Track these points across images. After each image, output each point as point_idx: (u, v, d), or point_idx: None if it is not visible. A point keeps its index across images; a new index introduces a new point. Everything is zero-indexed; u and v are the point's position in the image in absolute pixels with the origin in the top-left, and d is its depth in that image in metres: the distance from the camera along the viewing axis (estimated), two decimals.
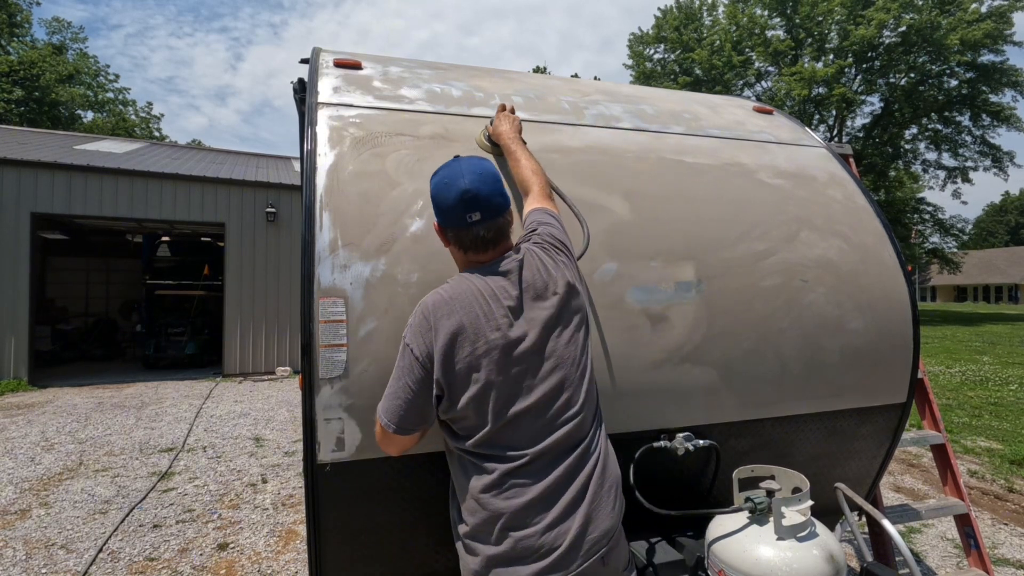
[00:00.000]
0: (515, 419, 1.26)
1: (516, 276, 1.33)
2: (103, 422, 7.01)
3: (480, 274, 1.34)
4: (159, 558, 3.47)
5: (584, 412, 1.31)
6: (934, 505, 2.70)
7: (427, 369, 1.26)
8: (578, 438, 1.30)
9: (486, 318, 1.28)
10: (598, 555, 1.24)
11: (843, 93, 23.87)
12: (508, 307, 1.30)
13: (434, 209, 1.40)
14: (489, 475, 1.25)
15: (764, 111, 2.72)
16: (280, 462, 5.42)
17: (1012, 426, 6.51)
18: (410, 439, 1.32)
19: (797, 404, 1.93)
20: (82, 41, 35.70)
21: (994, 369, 10.76)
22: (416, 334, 1.29)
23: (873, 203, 2.29)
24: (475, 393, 1.25)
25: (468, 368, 1.26)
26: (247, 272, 11.06)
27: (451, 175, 1.34)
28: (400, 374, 1.29)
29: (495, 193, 1.34)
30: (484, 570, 1.24)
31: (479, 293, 1.30)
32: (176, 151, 15.06)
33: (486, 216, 1.33)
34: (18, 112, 28.08)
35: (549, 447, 1.26)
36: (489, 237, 1.35)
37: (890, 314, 2.07)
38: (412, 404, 1.27)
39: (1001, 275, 53.27)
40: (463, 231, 1.34)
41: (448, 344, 1.26)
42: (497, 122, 1.76)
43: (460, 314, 1.27)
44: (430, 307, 1.30)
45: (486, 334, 1.27)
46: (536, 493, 1.23)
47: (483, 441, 1.26)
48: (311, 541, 1.54)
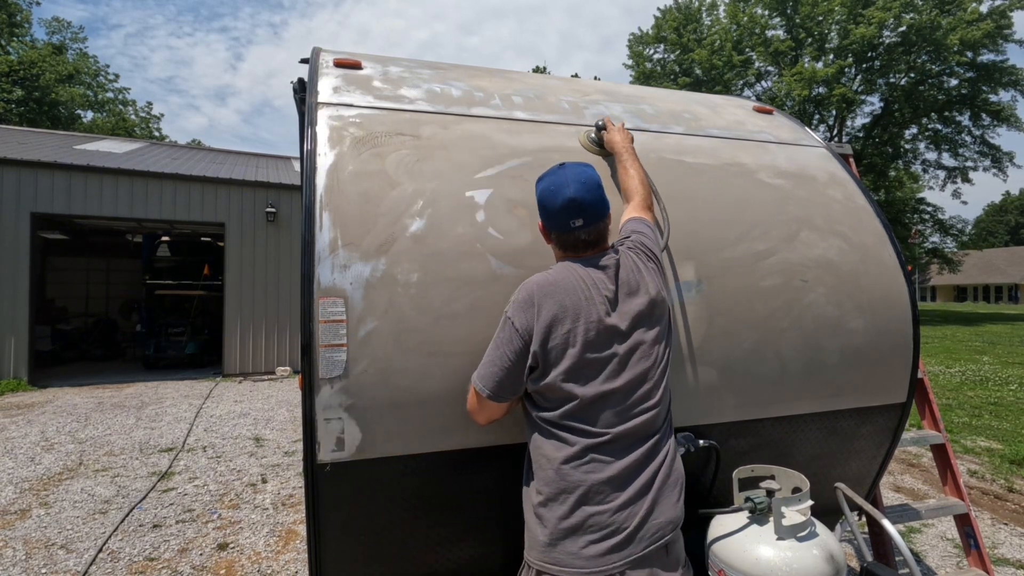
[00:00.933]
0: (601, 398, 1.34)
1: (613, 272, 1.44)
2: (103, 422, 7.01)
3: (582, 264, 1.44)
4: (159, 558, 3.47)
5: (660, 407, 1.40)
6: (934, 505, 2.70)
7: (525, 342, 1.36)
8: (652, 429, 1.38)
9: (587, 302, 1.38)
10: (662, 542, 1.30)
11: (843, 93, 23.87)
12: (606, 296, 1.40)
13: (540, 212, 1.51)
14: (571, 447, 1.33)
15: (764, 111, 2.72)
16: (280, 462, 5.42)
17: (1012, 426, 6.51)
18: (500, 408, 1.42)
19: (797, 404, 1.93)
20: (82, 41, 35.73)
21: (994, 369, 10.76)
22: (519, 309, 1.38)
23: (873, 203, 2.29)
24: (568, 367, 1.34)
25: (565, 343, 1.35)
26: (247, 272, 11.06)
27: (557, 182, 1.45)
28: (499, 344, 1.39)
29: (597, 200, 1.45)
30: (552, 539, 1.30)
31: (582, 279, 1.40)
32: (176, 151, 15.05)
33: (588, 222, 1.44)
34: (18, 112, 28.08)
35: (629, 431, 1.34)
36: (590, 240, 1.46)
37: (890, 314, 2.07)
38: (509, 373, 1.37)
39: (1001, 275, 53.27)
40: (566, 234, 1.46)
41: (549, 321, 1.35)
42: (612, 132, 1.88)
43: (563, 295, 1.37)
44: (534, 287, 1.40)
45: (586, 315, 1.36)
46: (615, 471, 1.31)
47: (570, 413, 1.34)
48: (311, 541, 1.54)
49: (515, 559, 1.75)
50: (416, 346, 1.51)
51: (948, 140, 26.78)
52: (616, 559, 1.26)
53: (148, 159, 11.98)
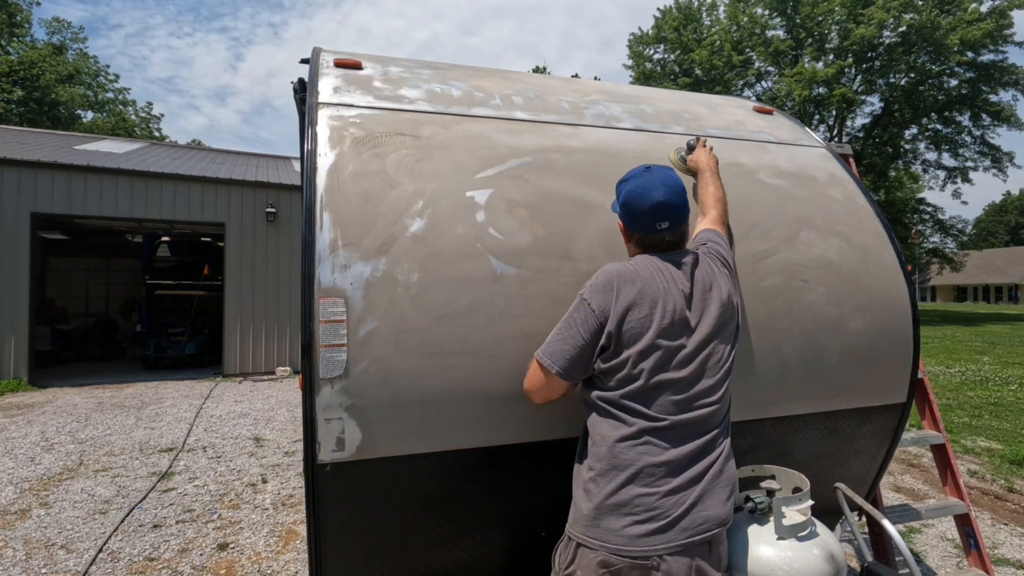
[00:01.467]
0: (665, 384, 1.37)
1: (689, 270, 1.47)
2: (103, 422, 7.01)
3: (661, 258, 1.48)
4: (159, 558, 3.47)
5: (720, 404, 1.41)
6: (934, 505, 2.70)
7: (600, 323, 1.38)
8: (711, 425, 1.40)
9: (665, 292, 1.41)
10: (705, 536, 1.30)
11: (843, 93, 23.87)
12: (682, 290, 1.43)
13: (624, 213, 1.54)
14: (629, 427, 1.35)
15: (764, 111, 2.72)
16: (280, 462, 5.42)
17: (1012, 426, 6.51)
18: (562, 387, 1.44)
19: (797, 404, 1.94)
20: (82, 41, 35.75)
21: (994, 369, 10.76)
22: (597, 291, 1.41)
23: (873, 203, 2.29)
24: (640, 349, 1.36)
25: (640, 326, 1.37)
26: (247, 272, 11.06)
27: (645, 186, 1.48)
28: (572, 323, 1.41)
29: (683, 204, 1.50)
30: (596, 514, 1.32)
31: (661, 271, 1.45)
32: (176, 151, 15.06)
33: (673, 224, 1.48)
34: (18, 112, 28.08)
35: (687, 421, 1.36)
36: (673, 241, 1.51)
37: (890, 314, 2.07)
38: (581, 352, 1.39)
39: (1001, 275, 53.27)
40: (650, 235, 1.50)
41: (628, 305, 1.38)
42: (699, 152, 1.89)
43: (643, 283, 1.41)
44: (615, 273, 1.44)
45: (663, 303, 1.39)
46: (668, 457, 1.33)
47: (632, 394, 1.36)
48: (311, 541, 1.54)
49: (516, 560, 1.76)
50: (416, 346, 1.51)
51: (948, 140, 26.77)
52: (657, 543, 1.27)
53: (148, 159, 11.98)
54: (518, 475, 1.67)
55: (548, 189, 1.80)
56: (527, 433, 1.62)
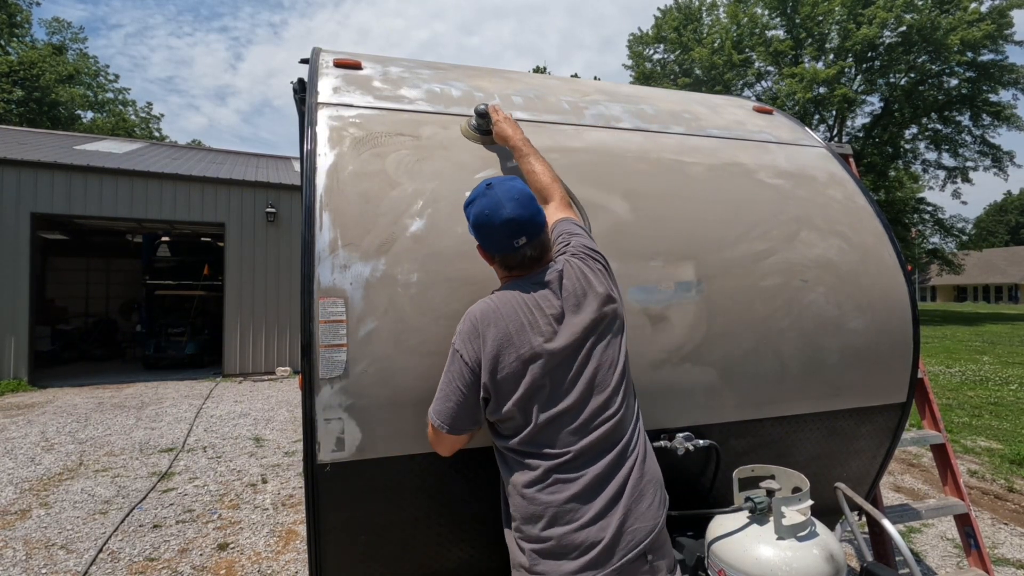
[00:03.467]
0: (556, 419, 1.33)
1: (557, 286, 1.41)
2: (103, 422, 7.01)
3: (524, 286, 1.42)
4: (159, 558, 3.47)
5: (622, 413, 1.37)
6: (934, 505, 2.70)
7: (476, 374, 1.35)
8: (616, 437, 1.35)
9: (530, 326, 1.36)
10: (638, 550, 1.28)
11: (844, 93, 23.87)
12: (551, 315, 1.37)
13: (477, 236, 1.45)
14: (533, 471, 1.32)
15: (764, 111, 2.72)
16: (280, 462, 5.42)
17: (1012, 426, 6.51)
18: (460, 439, 1.41)
19: (797, 404, 1.94)
20: (82, 41, 35.77)
21: (994, 369, 10.76)
22: (465, 341, 1.37)
23: (873, 203, 2.29)
24: (520, 396, 1.33)
25: (513, 373, 1.33)
26: (247, 272, 11.06)
27: (491, 205, 1.39)
28: (451, 378, 1.37)
29: (535, 214, 1.42)
30: (531, 563, 1.30)
31: (523, 303, 1.38)
32: (176, 151, 15.06)
33: (531, 237, 1.40)
34: (18, 112, 28.08)
35: (589, 445, 1.32)
36: (535, 255, 1.44)
37: (890, 314, 2.07)
38: (463, 406, 1.36)
39: (1001, 275, 53.25)
40: (511, 255, 1.42)
41: (495, 351, 1.33)
42: (501, 125, 1.79)
43: (506, 322, 1.35)
44: (478, 316, 1.38)
45: (530, 341, 1.34)
46: (579, 488, 1.29)
47: (527, 440, 1.33)
48: (311, 541, 1.54)
49: None
50: (416, 346, 1.51)
51: (948, 140, 26.77)
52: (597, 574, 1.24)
53: (148, 159, 11.98)
54: None
55: None
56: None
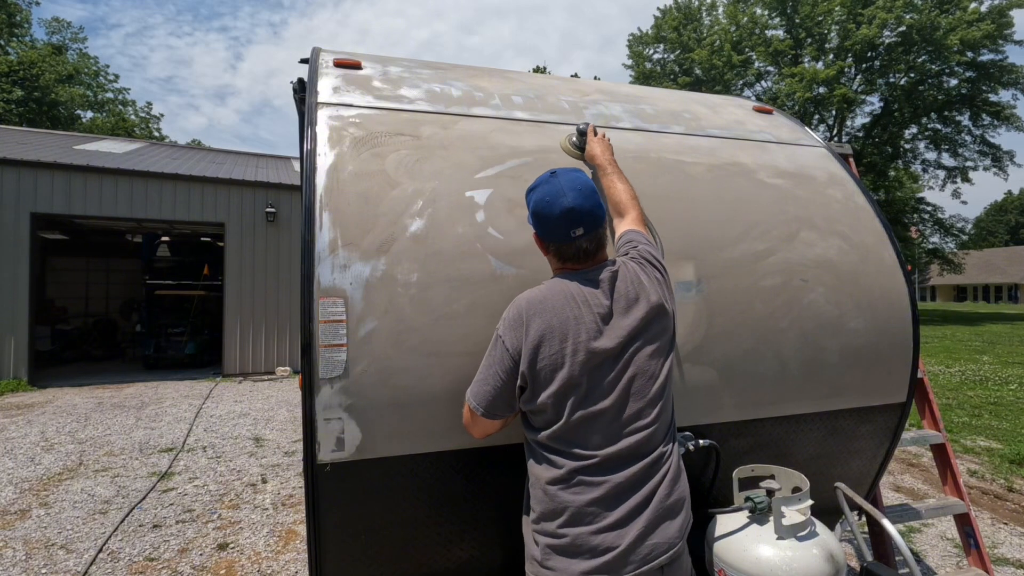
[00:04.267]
0: (589, 419, 1.31)
1: (608, 285, 1.39)
2: (103, 422, 7.01)
3: (575, 280, 1.40)
4: (159, 558, 3.47)
5: (656, 426, 1.34)
6: (934, 505, 2.70)
7: (515, 361, 1.34)
8: (647, 449, 1.33)
9: (576, 321, 1.33)
10: (655, 563, 1.25)
11: (844, 93, 23.87)
12: (598, 313, 1.35)
13: (535, 224, 1.45)
14: (559, 469, 1.31)
15: (764, 111, 2.72)
16: (280, 462, 5.42)
17: (1012, 426, 6.51)
18: (494, 424, 1.41)
19: (797, 404, 1.93)
20: (82, 41, 35.74)
21: (994, 369, 10.76)
22: (509, 328, 1.36)
23: (873, 203, 2.29)
24: (556, 390, 1.31)
25: (553, 365, 1.31)
26: (247, 272, 11.06)
27: (552, 192, 1.39)
28: (491, 363, 1.37)
29: (595, 207, 1.40)
30: (545, 558, 1.30)
31: (572, 297, 1.36)
32: (176, 151, 15.06)
33: (588, 230, 1.39)
34: (18, 112, 28.07)
35: (618, 451, 1.30)
36: (591, 249, 1.42)
37: (890, 313, 2.07)
38: (500, 392, 1.35)
39: (1001, 275, 53.26)
40: (566, 245, 1.41)
41: (537, 341, 1.32)
42: (592, 144, 1.81)
43: (552, 314, 1.34)
44: (524, 305, 1.37)
45: (574, 335, 1.32)
46: (601, 492, 1.28)
47: (557, 435, 1.32)
48: (311, 541, 1.54)
49: (515, 559, 1.75)
50: (416, 346, 1.51)
51: (948, 140, 26.78)
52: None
53: (148, 159, 11.98)
54: (517, 475, 1.67)
55: None
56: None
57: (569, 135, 1.91)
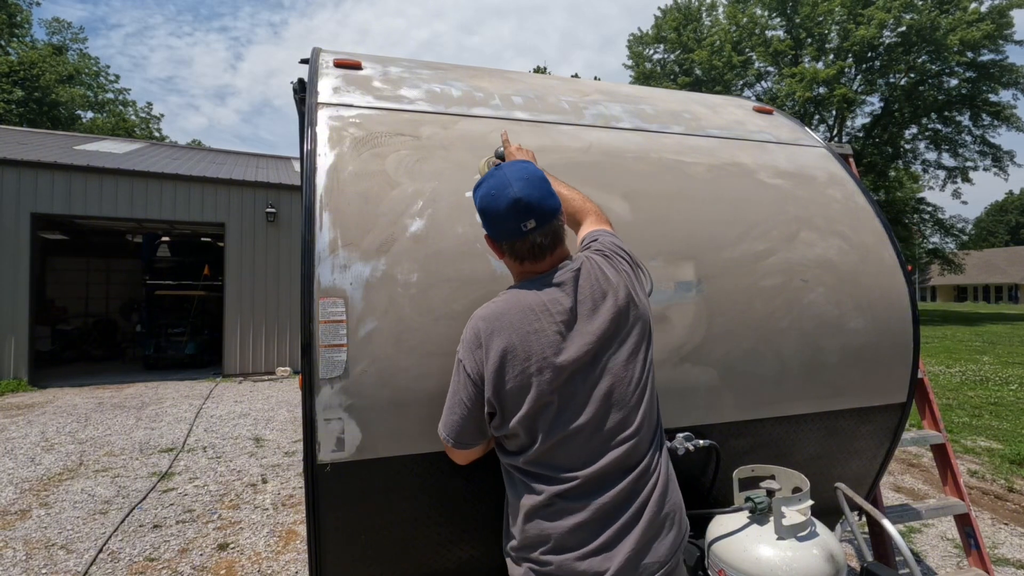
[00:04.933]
0: (566, 439, 1.22)
1: (571, 287, 1.27)
2: (103, 422, 7.01)
3: (532, 287, 1.29)
4: (159, 558, 3.47)
5: (641, 435, 1.25)
6: (934, 505, 2.70)
7: (479, 387, 1.25)
8: (633, 461, 1.23)
9: (536, 335, 1.23)
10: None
11: (844, 93, 23.88)
12: (561, 321, 1.24)
13: (484, 223, 1.33)
14: (537, 495, 1.22)
15: (764, 111, 2.72)
16: (280, 462, 5.42)
17: (1012, 426, 6.50)
18: (473, 451, 1.35)
19: (797, 404, 1.94)
20: (82, 42, 35.77)
21: (994, 369, 10.76)
22: (468, 351, 1.27)
23: (873, 203, 2.29)
24: (526, 412, 1.21)
25: (519, 388, 1.22)
26: (247, 272, 11.06)
27: (497, 185, 1.28)
28: (456, 390, 1.30)
29: (546, 195, 1.28)
30: None
31: (531, 308, 1.25)
32: (176, 151, 15.06)
33: (541, 222, 1.26)
34: (18, 112, 28.08)
35: (601, 469, 1.21)
36: (546, 243, 1.29)
37: (890, 314, 2.07)
38: (468, 420, 1.28)
39: (1001, 275, 53.26)
40: (519, 241, 1.28)
41: (498, 363, 1.22)
42: (514, 154, 1.62)
43: (510, 331, 1.23)
44: (480, 324, 1.27)
45: (537, 352, 1.22)
46: (584, 516, 1.19)
47: (533, 459, 1.23)
48: (311, 541, 1.54)
49: None
50: (416, 346, 1.51)
51: (948, 140, 26.77)
52: None
53: (148, 159, 11.98)
54: None
55: None
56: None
57: (488, 159, 1.73)
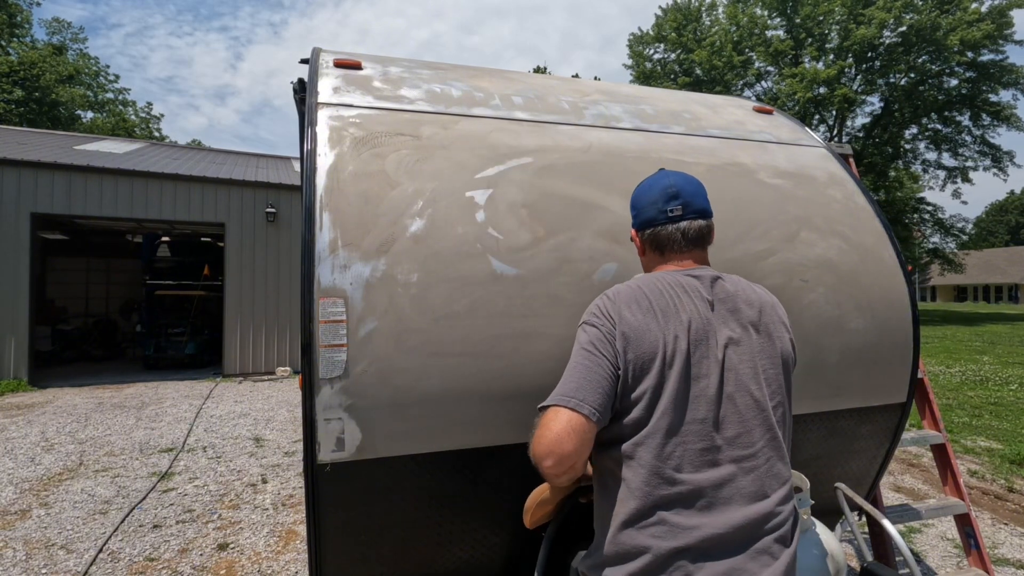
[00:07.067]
0: (681, 428, 1.06)
1: (709, 282, 1.19)
2: (103, 422, 7.01)
3: (672, 274, 1.21)
4: (159, 558, 3.47)
5: (764, 467, 1.08)
6: (934, 505, 2.70)
7: (612, 341, 1.12)
8: (754, 489, 1.06)
9: (675, 309, 1.13)
10: None
11: (844, 93, 23.88)
12: (706, 300, 1.16)
13: (633, 212, 1.32)
14: (636, 500, 1.04)
15: (764, 111, 2.72)
16: (280, 462, 5.41)
17: (1012, 426, 6.50)
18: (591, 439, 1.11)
19: (797, 404, 1.93)
20: (82, 41, 35.78)
21: (994, 369, 10.76)
22: (599, 315, 1.16)
23: (873, 203, 2.29)
24: (653, 384, 1.07)
25: (651, 353, 1.09)
26: (247, 272, 11.06)
27: (655, 176, 1.32)
28: (588, 350, 1.13)
29: (699, 195, 1.26)
30: None
31: (669, 285, 1.17)
32: (176, 151, 15.05)
33: (688, 212, 1.22)
34: (18, 112, 28.09)
35: (717, 481, 1.04)
36: (691, 235, 1.22)
37: (890, 314, 2.07)
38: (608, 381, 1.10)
39: (1001, 275, 53.26)
40: (661, 228, 1.23)
41: (634, 326, 1.11)
42: None
43: (650, 301, 1.14)
44: (613, 293, 1.20)
45: (673, 321, 1.11)
46: (696, 539, 0.99)
47: (640, 444, 1.06)
48: (311, 541, 1.54)
49: (515, 560, 1.75)
50: (416, 346, 1.51)
51: (948, 140, 26.79)
52: None
53: (148, 159, 11.98)
54: (518, 475, 1.67)
55: (548, 189, 1.79)
56: (527, 433, 1.62)
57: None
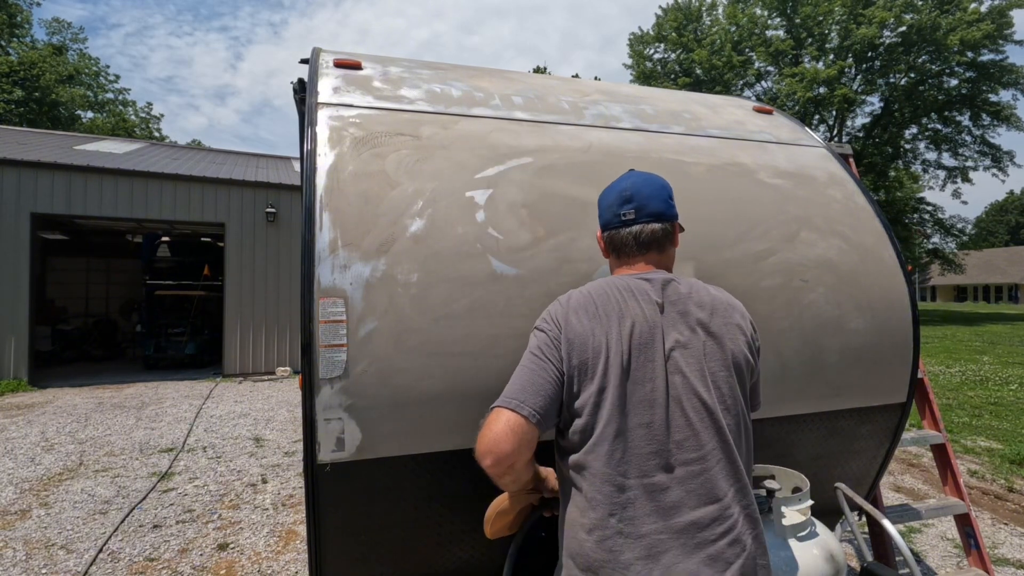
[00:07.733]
0: (628, 433, 1.06)
1: (660, 285, 1.19)
2: (103, 422, 7.01)
3: (624, 277, 1.23)
4: (159, 558, 3.47)
5: (715, 469, 1.06)
6: (934, 505, 2.70)
7: (557, 345, 1.14)
8: (703, 492, 1.05)
9: (620, 312, 1.15)
10: None
11: (844, 93, 23.88)
12: (655, 303, 1.16)
13: (599, 217, 1.35)
14: (592, 510, 1.04)
15: (764, 111, 2.72)
16: (280, 462, 5.41)
17: (1012, 426, 6.50)
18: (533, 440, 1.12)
19: (797, 404, 1.93)
20: (82, 42, 35.75)
21: (994, 369, 10.76)
22: (548, 320, 1.20)
23: (873, 203, 2.29)
24: (596, 388, 1.08)
25: (593, 359, 1.10)
26: (247, 272, 11.06)
27: (618, 180, 1.33)
28: (536, 354, 1.16)
29: (656, 198, 1.25)
30: None
31: (617, 289, 1.19)
32: (176, 151, 15.05)
33: (640, 215, 1.23)
34: (18, 112, 28.08)
35: (665, 485, 1.04)
36: (643, 239, 1.23)
37: (890, 314, 2.07)
38: (553, 386, 1.13)
39: (1001, 275, 53.25)
40: (615, 232, 1.27)
41: (578, 332, 1.13)
42: None
43: (596, 305, 1.17)
44: (566, 298, 1.23)
45: (616, 325, 1.13)
46: (645, 546, 0.99)
47: (590, 452, 1.07)
48: (311, 541, 1.54)
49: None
50: (416, 346, 1.51)
51: (948, 140, 26.79)
52: None
53: (148, 159, 11.98)
54: None
55: (548, 189, 1.80)
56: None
57: None
